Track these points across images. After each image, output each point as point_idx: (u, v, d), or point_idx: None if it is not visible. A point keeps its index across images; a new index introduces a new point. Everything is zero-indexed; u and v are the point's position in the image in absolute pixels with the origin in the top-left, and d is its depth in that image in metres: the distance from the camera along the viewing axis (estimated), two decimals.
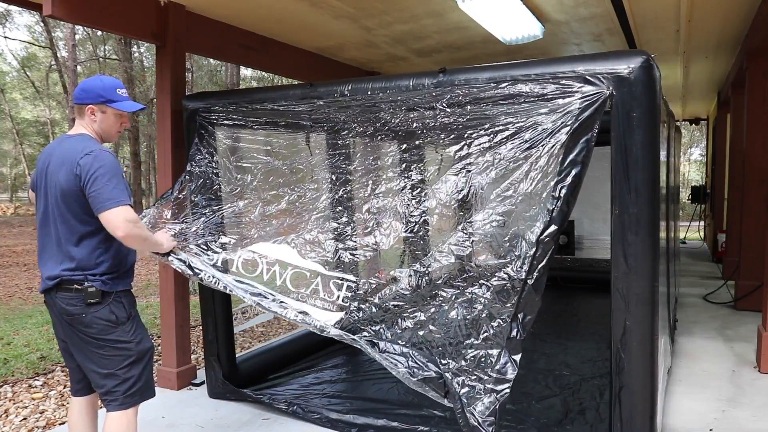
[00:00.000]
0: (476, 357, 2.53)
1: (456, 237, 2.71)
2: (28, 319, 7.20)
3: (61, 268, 2.39)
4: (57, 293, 2.41)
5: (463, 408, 2.45)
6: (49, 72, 25.40)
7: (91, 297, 2.37)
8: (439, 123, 2.85)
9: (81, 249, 2.39)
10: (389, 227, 3.00)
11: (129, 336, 2.46)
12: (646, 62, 2.37)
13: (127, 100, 2.55)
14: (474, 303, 2.59)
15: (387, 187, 3.13)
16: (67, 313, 2.40)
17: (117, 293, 2.46)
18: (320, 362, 4.44)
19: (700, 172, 30.16)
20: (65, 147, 2.43)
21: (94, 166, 2.31)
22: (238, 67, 17.97)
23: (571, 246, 7.55)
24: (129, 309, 2.50)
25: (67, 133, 2.55)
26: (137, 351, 2.47)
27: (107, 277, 2.43)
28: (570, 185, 2.42)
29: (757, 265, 5.69)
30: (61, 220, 2.40)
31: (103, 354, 2.42)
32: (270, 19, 4.55)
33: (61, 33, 21.67)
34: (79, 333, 2.42)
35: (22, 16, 24.65)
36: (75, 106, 2.53)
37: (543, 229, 2.44)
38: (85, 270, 2.39)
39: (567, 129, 2.44)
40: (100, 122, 2.51)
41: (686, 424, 3.41)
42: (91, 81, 2.51)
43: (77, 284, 2.38)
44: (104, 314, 2.40)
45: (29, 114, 30.09)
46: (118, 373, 2.44)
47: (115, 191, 2.32)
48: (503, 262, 2.54)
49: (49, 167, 2.44)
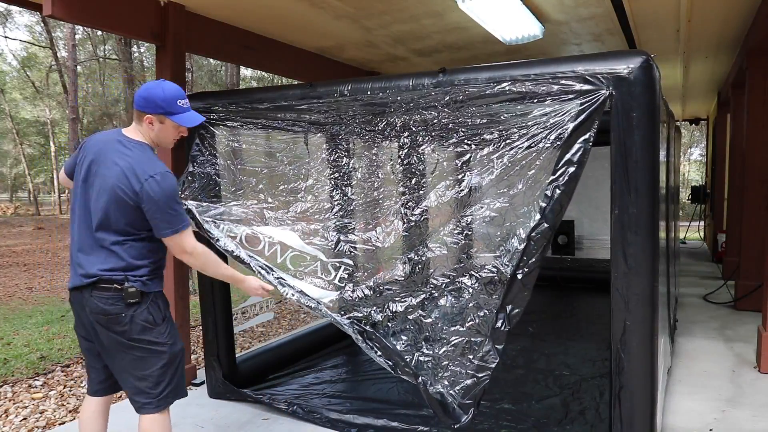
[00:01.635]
0: (460, 343, 2.60)
1: (449, 229, 2.74)
2: (28, 319, 7.20)
3: (101, 267, 2.35)
4: (92, 292, 2.37)
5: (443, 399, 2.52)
6: (49, 72, 25.42)
7: (131, 297, 2.35)
8: (439, 123, 2.85)
9: (126, 250, 2.37)
10: (389, 225, 3.01)
11: (163, 338, 2.45)
12: (645, 62, 2.37)
13: (187, 111, 2.49)
14: (462, 292, 2.63)
15: (387, 187, 3.14)
16: (104, 313, 2.36)
17: (154, 294, 2.45)
18: (320, 362, 4.44)
19: (700, 172, 30.17)
20: (125, 155, 2.37)
21: (157, 194, 2.30)
22: (238, 67, 17.95)
23: (570, 246, 7.55)
24: (164, 311, 2.49)
25: (122, 131, 2.48)
26: (170, 353, 2.46)
27: (147, 278, 2.41)
28: (565, 184, 2.43)
29: (757, 265, 5.68)
30: (108, 222, 2.36)
31: (137, 356, 2.40)
32: (270, 19, 4.55)
33: (61, 33, 21.67)
34: (113, 334, 2.38)
35: (23, 16, 24.68)
36: (134, 110, 2.48)
37: (534, 226, 2.46)
38: (126, 270, 2.36)
39: (566, 128, 2.44)
40: (158, 132, 2.47)
41: (686, 424, 3.41)
42: (153, 89, 2.43)
43: (117, 284, 2.35)
44: (142, 315, 2.38)
45: (29, 114, 30.09)
46: (153, 375, 2.42)
47: (175, 218, 2.35)
48: (493, 255, 2.56)
49: (101, 166, 2.38)
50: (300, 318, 7.06)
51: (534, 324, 5.44)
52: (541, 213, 2.45)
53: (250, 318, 4.16)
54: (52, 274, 11.32)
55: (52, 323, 6.96)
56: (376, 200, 3.21)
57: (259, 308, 4.23)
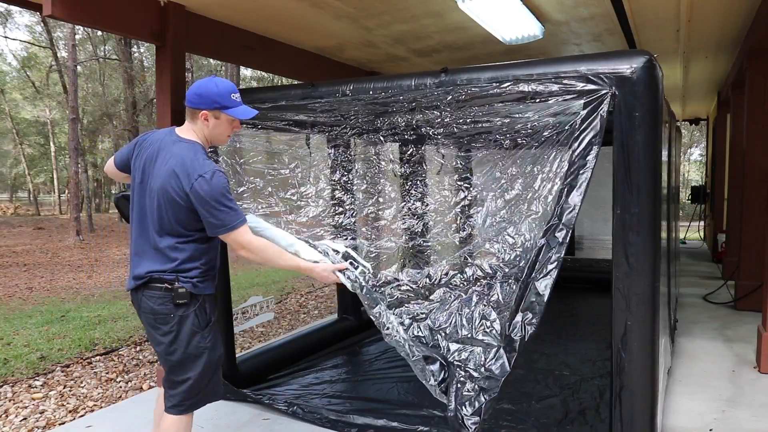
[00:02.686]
0: (471, 352, 2.51)
1: (454, 231, 2.71)
2: (28, 319, 7.19)
3: (153, 267, 2.36)
4: (144, 291, 2.39)
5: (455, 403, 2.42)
6: (49, 72, 25.41)
7: (180, 298, 2.35)
8: (442, 123, 2.85)
9: (178, 251, 2.37)
10: (394, 228, 3.00)
11: (206, 342, 2.44)
12: (648, 62, 2.37)
13: (240, 105, 2.48)
14: (475, 300, 2.58)
15: (391, 186, 3.14)
16: (153, 312, 2.38)
17: (203, 297, 2.45)
18: (320, 362, 4.44)
19: (700, 172, 30.18)
20: (176, 153, 2.36)
21: (207, 193, 2.27)
22: (238, 67, 17.97)
23: (571, 246, 7.54)
24: (210, 314, 2.49)
25: (175, 130, 2.48)
26: (210, 358, 2.46)
27: (197, 280, 2.41)
28: (578, 185, 2.40)
29: (757, 265, 5.68)
30: (160, 222, 2.37)
31: (179, 359, 2.41)
32: (270, 19, 4.55)
33: (62, 33, 21.67)
34: (159, 335, 2.40)
35: (23, 16, 24.69)
36: (187, 109, 2.47)
37: (549, 229, 2.42)
38: (177, 271, 2.36)
39: (570, 129, 2.44)
40: (213, 128, 2.46)
41: (686, 424, 3.41)
42: (206, 85, 2.43)
43: (168, 283, 2.36)
44: (190, 317, 2.39)
45: (29, 114, 30.07)
46: (191, 379, 2.43)
47: (229, 216, 2.31)
48: (507, 262, 2.53)
49: (154, 167, 2.39)
50: (300, 318, 7.06)
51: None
52: (558, 216, 2.40)
53: (250, 318, 4.15)
54: (51, 274, 11.31)
55: (52, 323, 6.96)
56: (379, 202, 3.21)
57: (259, 308, 4.22)
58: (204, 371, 2.44)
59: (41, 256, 14.00)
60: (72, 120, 17.40)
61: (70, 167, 17.94)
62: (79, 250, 15.43)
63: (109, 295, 9.09)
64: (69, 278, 10.89)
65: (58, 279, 10.81)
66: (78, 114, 18.54)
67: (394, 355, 4.57)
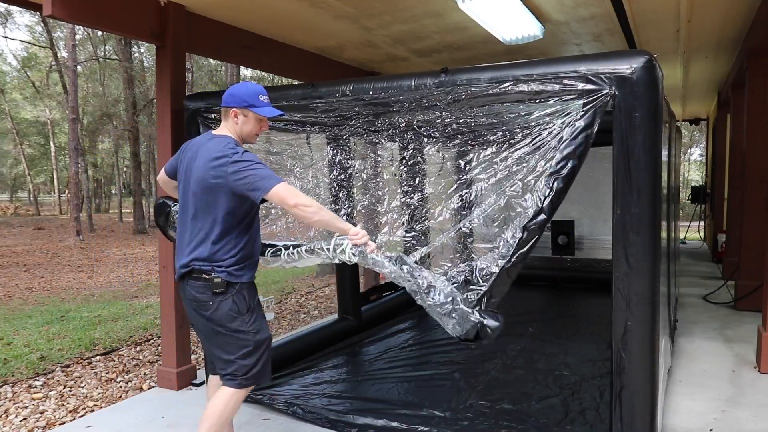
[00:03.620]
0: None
1: (451, 229, 2.72)
2: (28, 319, 7.20)
3: (192, 258, 2.58)
4: (188, 281, 2.61)
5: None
6: (49, 72, 25.40)
7: (216, 287, 2.55)
8: (441, 123, 2.85)
9: (215, 241, 2.55)
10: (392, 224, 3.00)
11: (248, 326, 2.61)
12: (648, 62, 2.37)
13: (267, 106, 2.71)
14: (454, 277, 2.60)
15: (390, 186, 3.14)
16: (195, 300, 2.60)
17: (240, 285, 2.61)
18: (320, 362, 4.43)
19: (700, 172, 30.18)
20: (212, 147, 2.58)
21: (240, 164, 2.46)
22: (238, 67, 17.96)
23: (571, 246, 7.54)
24: (249, 301, 2.64)
25: (212, 132, 2.74)
26: (254, 341, 2.63)
27: (233, 269, 2.58)
28: (564, 177, 2.44)
29: (757, 265, 5.68)
30: (200, 213, 2.58)
31: (224, 341, 2.61)
32: (270, 19, 4.55)
33: (62, 33, 21.69)
34: (204, 319, 2.61)
35: (23, 16, 24.71)
36: (221, 109, 2.73)
37: (532, 217, 2.48)
38: (213, 261, 2.56)
39: (568, 128, 2.45)
40: (242, 125, 2.68)
41: (686, 424, 3.41)
42: (239, 87, 2.70)
43: (205, 274, 2.56)
44: (228, 304, 2.57)
45: (29, 114, 30.09)
46: (237, 360, 2.60)
47: (264, 176, 2.44)
48: (492, 246, 2.56)
49: (195, 162, 2.60)
50: (300, 318, 7.06)
51: (534, 324, 5.44)
52: (540, 204, 2.47)
53: None
54: (51, 274, 11.31)
55: (52, 323, 6.96)
56: (379, 200, 3.21)
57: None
58: (248, 353, 2.61)
59: (41, 256, 14.01)
60: (72, 120, 17.41)
61: (70, 167, 17.95)
62: (79, 250, 15.44)
63: (109, 295, 9.09)
64: (69, 278, 10.89)
65: (58, 279, 10.82)
66: (78, 114, 18.55)
67: (394, 355, 4.57)
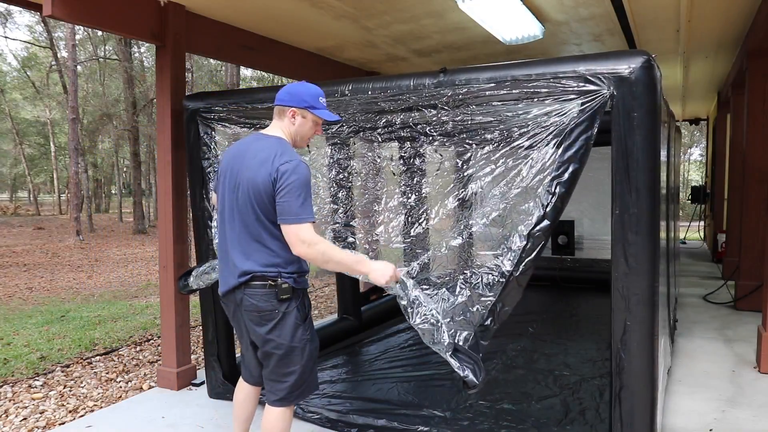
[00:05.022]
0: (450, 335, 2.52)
1: (450, 228, 2.72)
2: (28, 319, 7.20)
3: (254, 264, 2.41)
4: (246, 289, 2.43)
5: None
6: (49, 72, 25.41)
7: (284, 293, 2.41)
8: (440, 122, 2.85)
9: (278, 246, 2.41)
10: (390, 225, 3.00)
11: (307, 335, 2.51)
12: (646, 62, 2.37)
13: (327, 109, 2.59)
14: (460, 288, 2.60)
15: (388, 186, 3.14)
16: (257, 310, 2.43)
17: (303, 292, 2.52)
18: (320, 362, 4.44)
19: (700, 172, 30.17)
20: (264, 147, 2.44)
21: (291, 178, 2.32)
22: (238, 67, 17.96)
23: (570, 246, 7.55)
24: (308, 308, 2.56)
25: (262, 132, 2.58)
26: (310, 349, 2.53)
27: (297, 276, 2.47)
28: (566, 182, 2.44)
29: (757, 265, 5.69)
30: (255, 217, 2.40)
31: (284, 353, 2.46)
32: (270, 19, 4.55)
33: (62, 33, 21.68)
34: (264, 329, 2.45)
35: (23, 16, 24.73)
36: (275, 108, 2.57)
37: (535, 224, 2.47)
38: (279, 266, 2.42)
39: (567, 128, 2.45)
40: (298, 126, 2.54)
41: (686, 424, 3.41)
42: (297, 86, 2.56)
43: (271, 280, 2.41)
44: (293, 312, 2.46)
45: (29, 114, 30.08)
46: (295, 372, 2.49)
47: (301, 207, 2.32)
48: (494, 254, 2.56)
49: (245, 161, 2.44)
50: None
51: (534, 324, 5.44)
52: (543, 210, 2.46)
53: None
54: (51, 274, 11.32)
55: (52, 323, 6.97)
56: (377, 199, 3.21)
57: None
58: (307, 362, 2.52)
59: (41, 256, 14.01)
60: (72, 120, 17.41)
61: (70, 167, 17.96)
62: (79, 250, 15.45)
63: (109, 295, 9.10)
64: (69, 278, 10.90)
65: (58, 279, 10.82)
66: (78, 114, 18.55)
67: (394, 355, 4.57)
